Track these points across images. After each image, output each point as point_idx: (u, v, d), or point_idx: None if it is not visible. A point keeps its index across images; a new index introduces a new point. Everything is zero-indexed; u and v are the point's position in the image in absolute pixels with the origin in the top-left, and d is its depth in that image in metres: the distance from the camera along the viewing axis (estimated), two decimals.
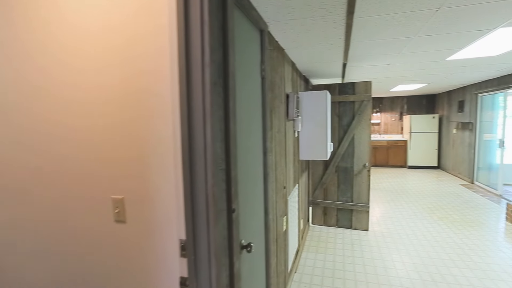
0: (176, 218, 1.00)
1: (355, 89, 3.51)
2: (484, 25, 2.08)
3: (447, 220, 3.90)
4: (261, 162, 1.59)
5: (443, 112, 7.49)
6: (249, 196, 1.36)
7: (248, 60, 1.41)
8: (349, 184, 3.65)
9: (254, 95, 1.49)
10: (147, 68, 0.97)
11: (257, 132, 1.52)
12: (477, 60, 3.41)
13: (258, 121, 1.54)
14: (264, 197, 1.64)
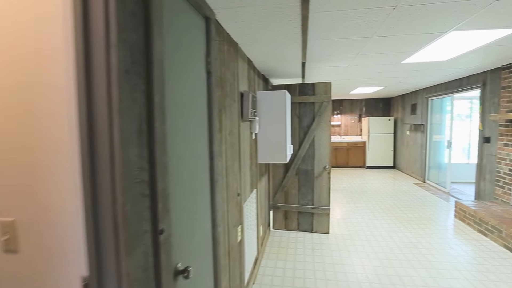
0: (77, 249, 0.76)
1: (315, 90, 3.46)
2: (438, 27, 2.11)
3: (402, 219, 4.03)
4: (206, 169, 1.38)
5: (398, 114, 7.92)
6: (188, 210, 1.15)
7: (189, 50, 1.20)
8: (309, 187, 3.59)
9: (197, 91, 1.28)
10: (35, 48, 0.72)
11: (201, 134, 1.32)
12: (428, 65, 3.56)
13: (202, 121, 1.34)
14: (211, 208, 1.44)
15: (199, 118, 1.30)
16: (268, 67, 2.89)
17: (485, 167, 4.17)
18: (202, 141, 1.33)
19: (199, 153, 1.28)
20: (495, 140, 3.95)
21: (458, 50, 2.84)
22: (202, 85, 1.34)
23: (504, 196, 3.73)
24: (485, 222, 3.38)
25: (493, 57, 3.22)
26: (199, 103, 1.30)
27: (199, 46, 1.32)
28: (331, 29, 2.05)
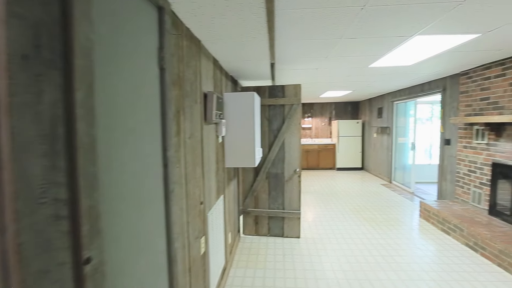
0: None
1: (285, 92, 3.38)
2: (404, 31, 2.11)
3: (371, 220, 4.08)
4: (160, 177, 1.21)
5: (366, 118, 8.18)
6: (132, 228, 0.98)
7: (136, 42, 1.03)
8: (280, 191, 3.50)
9: (148, 89, 1.11)
10: None
11: (153, 139, 1.15)
12: (394, 69, 3.64)
13: (154, 124, 1.16)
14: (166, 222, 1.27)
15: (150, 120, 1.13)
16: (236, 67, 2.76)
17: (446, 168, 4.38)
18: (154, 146, 1.16)
19: (149, 160, 1.11)
20: (455, 142, 4.15)
21: (422, 55, 2.91)
22: (154, 83, 1.17)
23: (463, 195, 3.92)
24: (448, 221, 3.51)
25: (453, 63, 3.37)
26: (149, 103, 1.13)
27: (150, 39, 1.15)
28: (300, 28, 1.97)
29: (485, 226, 3.10)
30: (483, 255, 2.94)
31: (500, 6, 1.73)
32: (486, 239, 2.90)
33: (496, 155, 3.35)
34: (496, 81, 3.34)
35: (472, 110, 3.72)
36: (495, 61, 3.31)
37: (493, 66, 3.38)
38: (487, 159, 3.48)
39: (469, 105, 3.79)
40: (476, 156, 3.66)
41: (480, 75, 3.58)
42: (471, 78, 3.75)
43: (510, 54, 2.99)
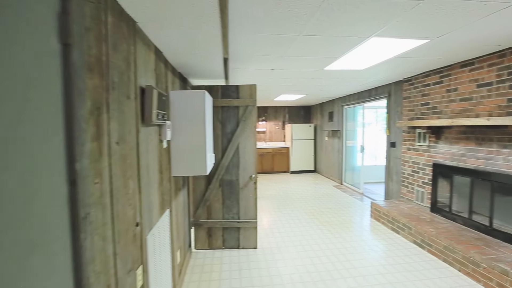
0: None
1: (239, 92, 3.14)
2: (362, 30, 2.03)
3: (327, 223, 4.05)
4: (62, 201, 0.85)
5: (317, 121, 8.41)
6: None
7: None
8: (235, 199, 3.23)
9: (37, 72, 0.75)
10: None
11: (48, 146, 0.78)
12: (347, 73, 3.67)
13: (52, 124, 0.80)
14: (73, 264, 0.90)
15: (42, 119, 0.76)
16: (184, 62, 2.42)
17: (392, 169, 4.60)
18: (48, 155, 0.80)
19: (37, 180, 0.74)
20: (399, 145, 4.38)
21: (374, 59, 2.94)
22: (49, 65, 0.81)
23: (408, 194, 4.13)
24: (397, 221, 3.63)
25: (400, 70, 3.51)
26: (41, 94, 0.76)
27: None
28: (256, 18, 1.75)
29: (429, 224, 3.26)
30: (430, 251, 3.07)
31: (453, 11, 1.74)
32: (432, 236, 3.04)
33: (436, 156, 3.57)
34: (435, 88, 3.58)
35: (414, 115, 3.95)
36: (434, 69, 3.54)
37: (431, 74, 3.62)
38: (428, 160, 3.70)
39: (411, 110, 4.02)
40: (419, 158, 3.88)
41: (421, 82, 3.82)
42: (413, 84, 3.99)
43: (447, 63, 3.20)
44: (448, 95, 3.37)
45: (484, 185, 3.01)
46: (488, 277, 2.42)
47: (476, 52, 2.77)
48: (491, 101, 2.85)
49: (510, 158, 2.66)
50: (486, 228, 2.92)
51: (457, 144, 3.25)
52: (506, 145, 2.70)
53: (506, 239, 2.71)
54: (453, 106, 3.30)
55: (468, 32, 2.14)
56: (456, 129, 3.26)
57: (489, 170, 2.87)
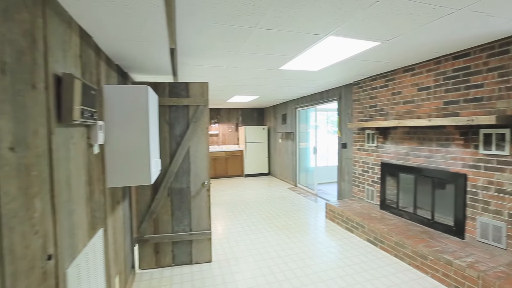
0: None
1: (189, 90, 2.85)
2: (320, 27, 1.94)
3: (284, 228, 3.96)
4: None
5: (271, 124, 8.42)
6: None
7: None
8: (186, 209, 2.91)
9: None
10: None
11: None
12: (302, 74, 3.63)
13: None
14: None
15: None
16: (122, 51, 2.06)
17: (344, 169, 4.74)
18: None
19: None
20: (350, 146, 4.53)
21: (328, 60, 2.93)
22: None
23: (359, 193, 4.28)
24: (351, 220, 3.70)
25: (352, 72, 3.59)
26: None
27: None
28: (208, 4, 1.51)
29: (380, 221, 3.37)
30: (382, 248, 3.16)
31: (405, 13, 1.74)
32: (384, 233, 3.13)
33: (384, 156, 3.75)
34: (381, 91, 3.76)
35: (364, 116, 4.12)
36: (381, 73, 3.72)
37: (378, 78, 3.80)
38: (377, 159, 3.87)
39: (361, 112, 4.18)
40: (368, 158, 4.04)
41: (369, 85, 3.99)
42: (361, 87, 4.15)
43: (392, 67, 3.37)
44: (393, 98, 3.55)
45: (426, 181, 3.22)
46: (435, 268, 2.55)
47: (417, 58, 2.94)
48: (430, 103, 3.05)
49: (447, 155, 2.87)
50: (429, 221, 3.11)
51: (402, 144, 3.43)
52: (443, 144, 2.91)
53: (446, 230, 2.91)
54: (398, 108, 3.49)
55: (415, 37, 2.22)
56: (401, 130, 3.45)
57: (429, 167, 3.07)
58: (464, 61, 2.70)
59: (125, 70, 2.68)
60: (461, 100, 2.73)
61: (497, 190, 2.46)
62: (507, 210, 2.38)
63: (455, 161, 2.80)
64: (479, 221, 2.60)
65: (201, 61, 2.89)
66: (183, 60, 2.83)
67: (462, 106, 2.72)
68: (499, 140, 2.43)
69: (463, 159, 2.71)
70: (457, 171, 2.78)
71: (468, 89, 2.67)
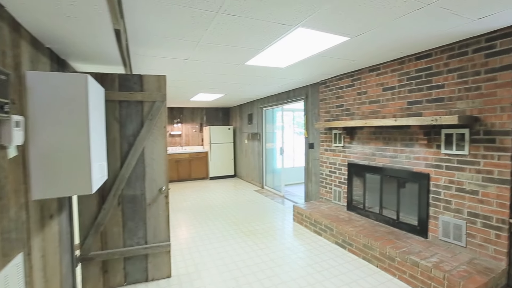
0: None
1: (144, 84, 2.51)
2: (289, 16, 1.76)
3: (251, 234, 3.75)
4: None
5: (237, 124, 8.19)
6: None
7: None
8: (140, 219, 2.56)
9: None
10: None
11: None
12: (268, 71, 3.46)
13: None
14: None
15: None
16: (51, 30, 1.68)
17: (311, 170, 4.69)
18: None
19: None
20: (317, 146, 4.48)
21: (296, 56, 2.79)
22: None
23: (327, 194, 4.23)
24: (319, 223, 3.61)
25: (318, 71, 3.51)
26: None
27: None
28: None
29: (348, 223, 3.32)
30: (351, 251, 3.10)
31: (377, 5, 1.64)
32: (352, 235, 3.08)
33: (350, 156, 3.73)
34: (348, 91, 3.74)
35: (330, 116, 4.08)
36: (347, 72, 3.70)
37: (344, 77, 3.78)
38: (344, 160, 3.85)
39: (327, 112, 4.14)
40: (335, 158, 4.01)
41: (335, 85, 3.96)
42: (328, 87, 4.12)
43: (359, 67, 3.36)
44: (359, 98, 3.55)
45: (391, 181, 3.24)
46: (402, 270, 2.52)
47: (383, 57, 2.94)
48: (395, 103, 3.07)
49: (411, 155, 2.90)
50: (394, 221, 3.12)
51: (368, 144, 3.43)
52: (407, 143, 2.94)
53: (410, 230, 2.94)
54: (364, 108, 3.48)
55: (383, 33, 2.16)
56: (367, 130, 3.45)
57: (394, 167, 3.09)
58: (426, 62, 2.73)
59: (62, 57, 2.26)
60: (424, 100, 2.76)
61: (457, 189, 2.51)
62: (467, 208, 2.44)
63: (418, 161, 2.83)
64: (441, 220, 2.64)
65: (158, 51, 2.58)
66: (137, 50, 2.49)
67: (425, 106, 2.75)
68: (459, 140, 2.48)
69: (426, 159, 2.75)
70: (420, 171, 2.81)
71: (430, 89, 2.71)
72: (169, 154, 7.46)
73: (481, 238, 2.35)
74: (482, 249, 2.34)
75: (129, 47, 2.41)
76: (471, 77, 2.38)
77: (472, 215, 2.40)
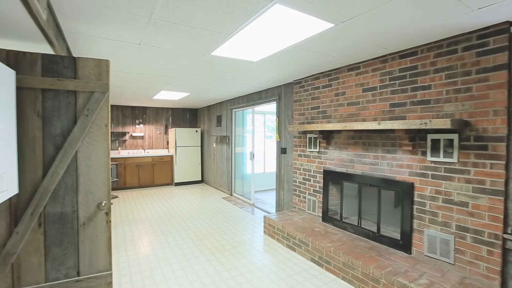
0: None
1: (78, 69, 1.96)
2: None
3: (216, 250, 3.27)
4: None
5: (205, 126, 7.65)
6: None
7: None
8: (71, 244, 1.99)
9: None
10: None
11: None
12: (239, 64, 3.04)
13: None
14: None
15: None
16: None
17: (283, 177, 4.33)
18: None
19: None
20: (291, 151, 4.14)
21: (270, 48, 2.42)
22: None
23: (300, 204, 3.90)
24: (293, 236, 3.24)
25: (294, 68, 3.17)
26: None
27: None
28: None
29: (324, 237, 3.00)
30: (329, 269, 2.77)
31: None
32: (330, 252, 2.74)
33: (326, 163, 3.43)
34: (324, 91, 3.45)
35: (305, 119, 3.77)
36: (324, 71, 3.42)
37: (321, 76, 3.49)
38: (319, 166, 3.54)
39: (302, 114, 3.82)
40: (310, 164, 3.69)
41: (311, 85, 3.66)
42: (303, 87, 3.81)
43: (337, 65, 3.08)
44: (337, 99, 3.27)
45: (371, 190, 2.98)
46: None
47: (365, 53, 2.67)
48: (376, 105, 2.82)
49: (393, 162, 2.65)
50: (375, 235, 2.85)
51: (346, 150, 3.15)
52: (389, 149, 2.69)
53: (392, 245, 2.67)
54: (342, 110, 3.21)
55: (372, 20, 1.86)
56: (345, 134, 3.17)
57: (375, 175, 2.83)
58: (411, 60, 2.51)
59: None
60: (408, 102, 2.53)
61: (444, 200, 2.28)
62: (455, 221, 2.21)
63: (401, 169, 2.58)
64: (426, 234, 2.40)
65: (99, 29, 2.05)
66: (70, 25, 1.94)
67: (409, 109, 2.52)
68: (447, 146, 2.26)
69: (410, 167, 2.51)
70: (403, 180, 2.56)
71: (415, 90, 2.48)
72: (130, 158, 6.70)
73: (471, 254, 2.12)
74: (472, 266, 2.12)
75: (57, 19, 1.85)
76: (460, 78, 2.17)
77: (461, 229, 2.18)
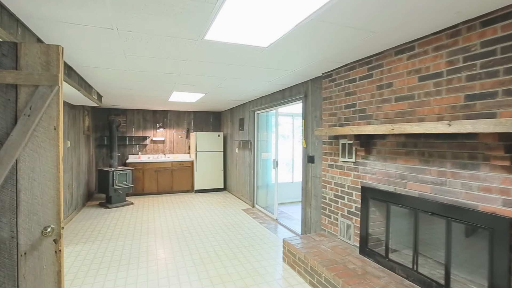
0: None
1: (19, 57, 1.47)
2: None
3: (220, 281, 2.62)
4: None
5: (228, 130, 7.13)
6: None
7: None
8: (8, 279, 1.48)
9: None
10: None
11: None
12: (244, 51, 2.37)
13: None
14: None
15: None
16: None
17: (310, 191, 3.56)
18: None
19: None
20: (319, 160, 3.36)
21: (278, 26, 1.73)
22: None
23: (330, 226, 3.09)
24: (318, 273, 2.47)
25: (318, 52, 2.43)
26: None
27: None
28: None
29: (362, 280, 2.18)
30: None
31: None
32: None
33: (365, 177, 2.61)
34: (362, 84, 2.65)
35: (337, 120, 2.98)
36: (361, 58, 2.62)
37: (357, 65, 2.70)
38: (356, 181, 2.72)
39: (333, 114, 3.04)
40: (344, 178, 2.88)
41: (344, 77, 2.88)
42: (334, 80, 3.03)
43: (380, 46, 2.27)
44: (380, 93, 2.45)
45: (434, 221, 2.11)
46: None
47: (423, 25, 1.85)
48: (441, 99, 1.96)
49: (473, 183, 1.77)
50: (440, 287, 1.96)
51: (394, 162, 2.31)
52: (466, 164, 1.81)
53: None
54: (387, 107, 2.38)
55: None
56: (392, 140, 2.33)
57: (440, 200, 1.95)
58: (503, 28, 1.63)
59: None
60: (500, 91, 1.64)
61: None
62: None
63: (489, 194, 1.69)
64: None
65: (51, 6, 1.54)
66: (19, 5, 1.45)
67: (502, 101, 1.63)
68: None
69: (507, 192, 1.61)
70: (493, 212, 1.67)
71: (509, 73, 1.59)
72: (148, 163, 6.41)
73: None
74: None
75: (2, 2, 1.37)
76: None
77: None
